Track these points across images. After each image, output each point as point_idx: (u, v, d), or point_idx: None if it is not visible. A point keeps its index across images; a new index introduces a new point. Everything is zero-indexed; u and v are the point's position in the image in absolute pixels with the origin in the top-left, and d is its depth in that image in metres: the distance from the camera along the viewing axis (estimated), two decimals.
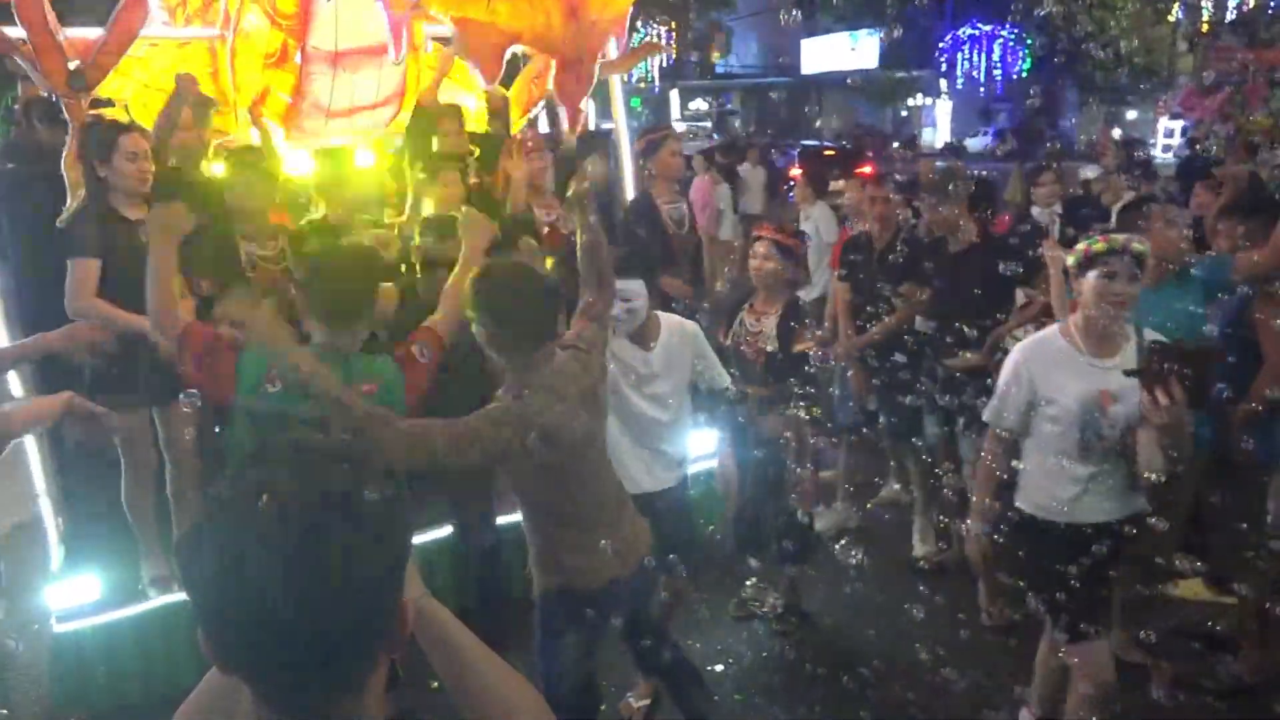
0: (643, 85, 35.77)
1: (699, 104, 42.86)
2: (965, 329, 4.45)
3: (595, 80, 3.61)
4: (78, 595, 4.07)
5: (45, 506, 4.30)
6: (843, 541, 5.15)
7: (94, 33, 4.07)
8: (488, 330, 2.71)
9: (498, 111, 5.12)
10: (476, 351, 2.87)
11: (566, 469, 2.74)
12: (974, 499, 3.50)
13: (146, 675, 4.07)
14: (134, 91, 4.67)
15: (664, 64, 35.21)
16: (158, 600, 4.12)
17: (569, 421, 2.69)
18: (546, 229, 5.01)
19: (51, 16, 3.81)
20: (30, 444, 4.29)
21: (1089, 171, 10.06)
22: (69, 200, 4.00)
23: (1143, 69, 30.43)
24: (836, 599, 4.76)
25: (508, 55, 3.38)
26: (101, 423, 2.73)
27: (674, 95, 40.52)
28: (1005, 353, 4.77)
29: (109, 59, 3.98)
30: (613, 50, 4.60)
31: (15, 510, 5.19)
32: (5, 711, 3.17)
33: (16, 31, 3.79)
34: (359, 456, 1.12)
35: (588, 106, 5.18)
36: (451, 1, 3.12)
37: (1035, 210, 7.10)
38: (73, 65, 3.89)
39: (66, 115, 3.99)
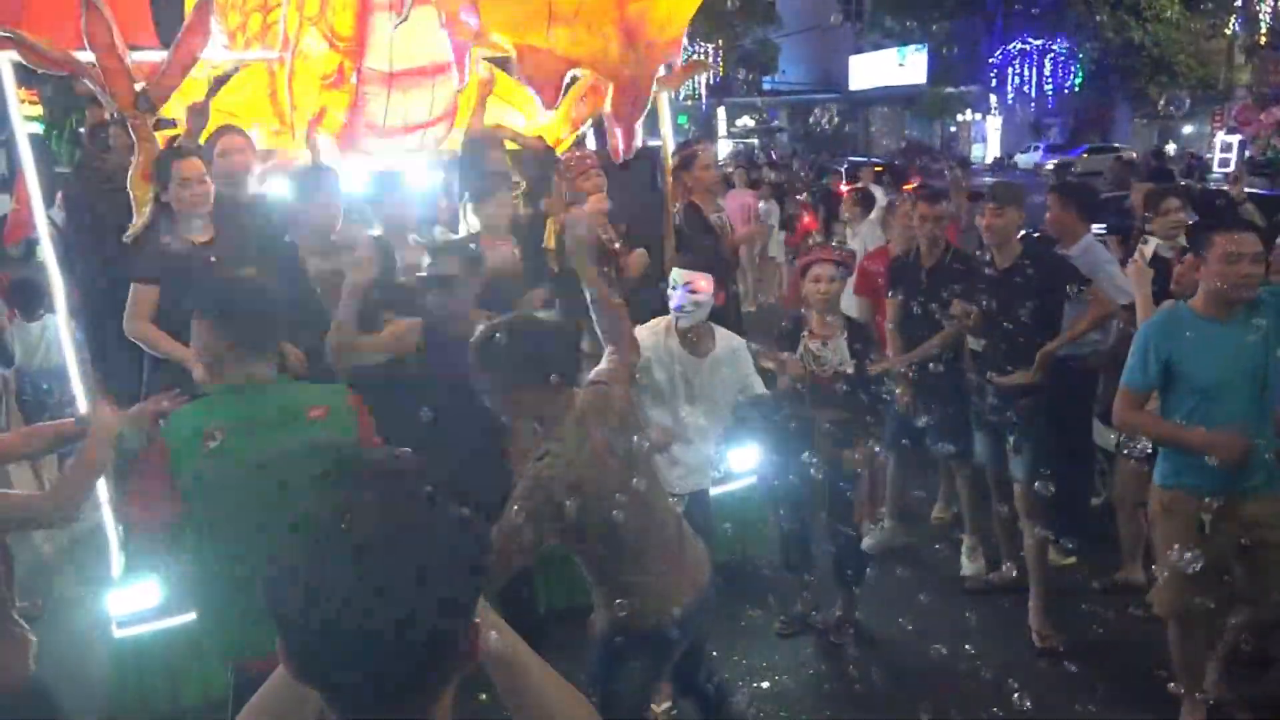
0: (689, 102, 35.90)
1: (745, 120, 42.88)
2: (1015, 346, 4.43)
3: (650, 102, 3.67)
4: (138, 601, 4.18)
5: (107, 514, 4.41)
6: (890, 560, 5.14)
7: (158, 56, 4.20)
8: (503, 392, 2.62)
9: (538, 155, 5.19)
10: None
11: (611, 516, 2.62)
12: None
13: (203, 681, 4.16)
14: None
15: (711, 81, 35.33)
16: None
17: (599, 465, 2.61)
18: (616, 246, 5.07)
19: (119, 40, 3.94)
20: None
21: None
22: (134, 218, 4.13)
23: (1199, 83, 29.95)
24: (884, 618, 4.73)
25: (566, 79, 3.43)
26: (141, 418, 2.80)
27: (721, 112, 40.60)
28: (1054, 371, 4.74)
29: (172, 81, 4.10)
30: (662, 69, 4.66)
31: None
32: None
33: (86, 55, 3.92)
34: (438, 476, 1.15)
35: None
36: (512, 28, 3.18)
37: (1156, 244, 5.07)
38: (138, 87, 4.02)
39: (132, 135, 4.12)
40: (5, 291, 6.89)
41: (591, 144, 6.02)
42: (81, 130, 8.05)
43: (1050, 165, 25.55)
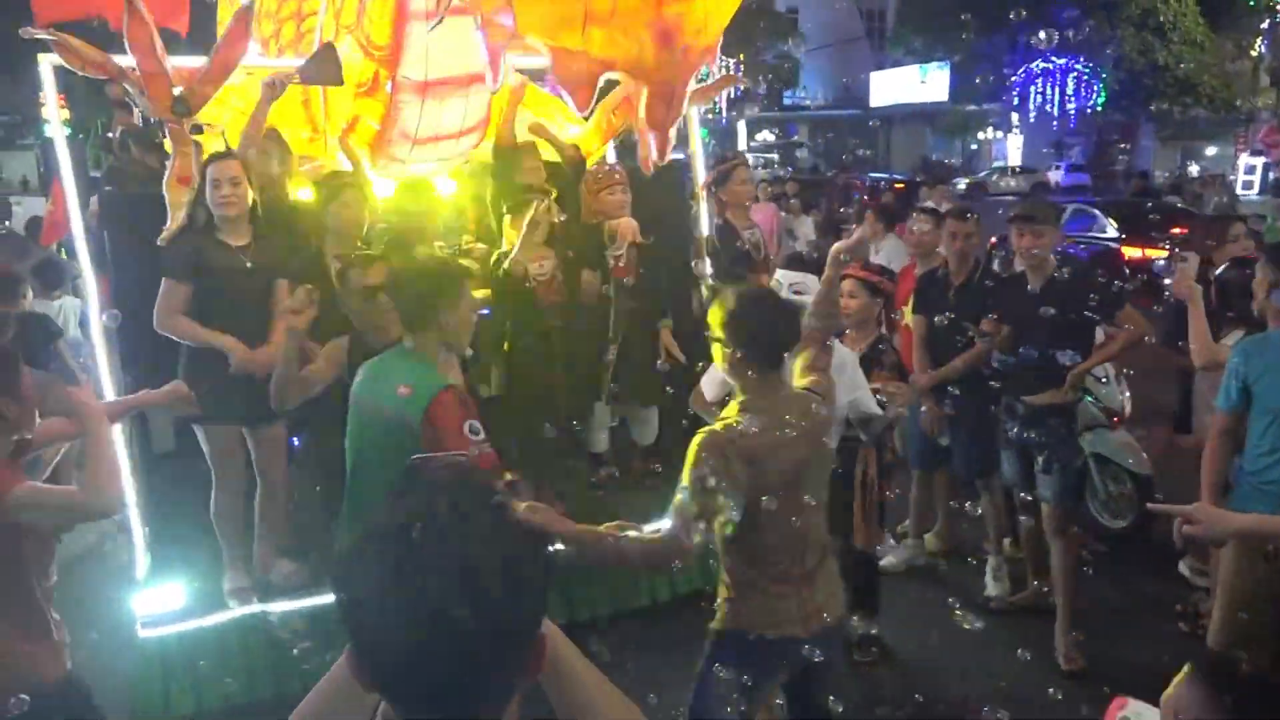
0: (710, 117, 35.93)
1: (766, 135, 42.90)
2: (1045, 366, 4.40)
3: (685, 108, 3.66)
4: (163, 603, 4.19)
5: (134, 515, 4.43)
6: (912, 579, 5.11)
7: (196, 61, 4.23)
8: (729, 350, 2.81)
9: (572, 162, 5.23)
10: None
11: (767, 503, 2.70)
12: None
13: (225, 684, 4.17)
14: (231, 118, 4.83)
15: (732, 95, 35.35)
16: (238, 611, 4.22)
17: (780, 450, 2.72)
18: (614, 261, 5.10)
19: (159, 45, 3.97)
20: (120, 453, 4.44)
21: None
22: (168, 221, 4.15)
23: (1222, 104, 29.80)
24: (907, 637, 4.69)
25: (600, 83, 3.43)
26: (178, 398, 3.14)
27: (741, 126, 40.63)
28: (1086, 390, 4.72)
29: (210, 87, 4.13)
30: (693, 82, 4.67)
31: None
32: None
33: (126, 60, 3.96)
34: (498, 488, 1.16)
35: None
36: (547, 30, 3.17)
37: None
38: (176, 92, 4.05)
39: (169, 139, 4.15)
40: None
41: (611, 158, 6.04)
42: (110, 135, 8.11)
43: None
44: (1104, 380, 5.70)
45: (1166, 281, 4.89)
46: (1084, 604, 4.63)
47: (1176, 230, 13.74)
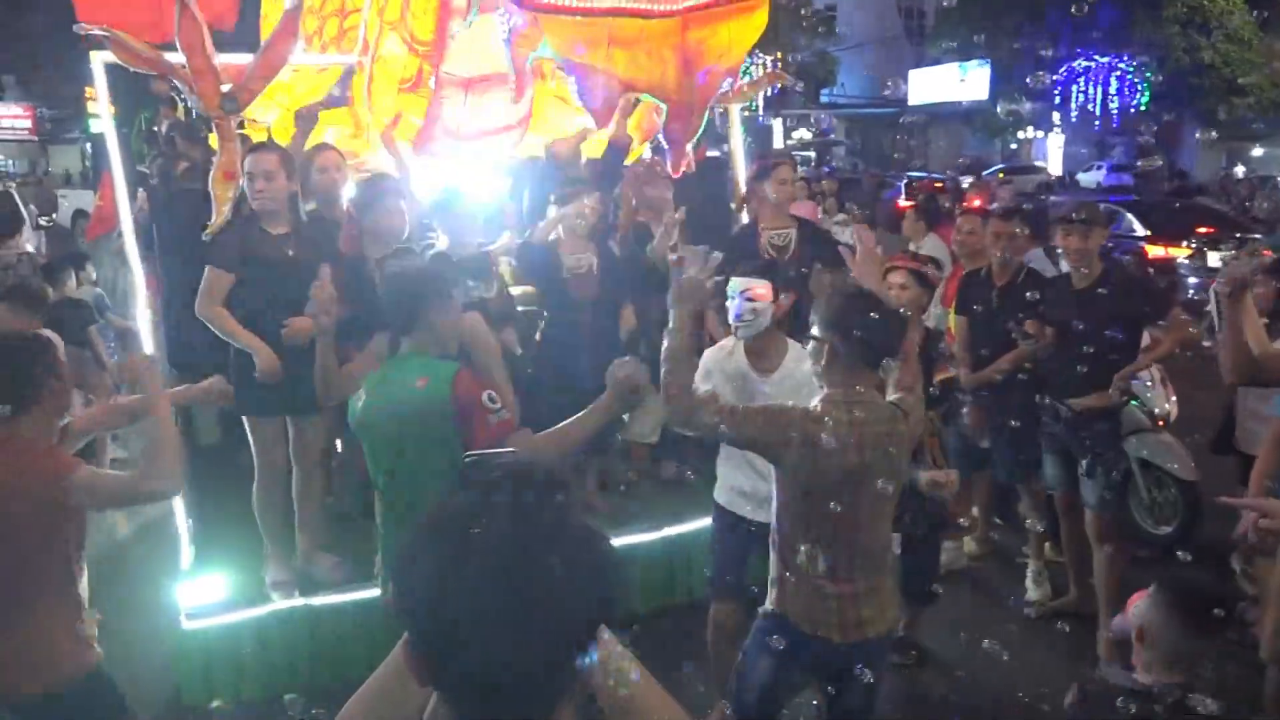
0: (747, 114, 35.81)
1: (803, 133, 42.69)
2: (1092, 368, 4.34)
3: (704, 124, 3.70)
4: (207, 594, 4.25)
5: (178, 506, 4.49)
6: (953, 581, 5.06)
7: (244, 59, 4.28)
8: (829, 344, 2.80)
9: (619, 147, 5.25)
10: None
11: (825, 493, 2.73)
12: None
13: (265, 674, 4.22)
14: (277, 114, 4.89)
15: (769, 94, 35.21)
16: (280, 604, 4.26)
17: (843, 450, 2.70)
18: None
19: (208, 43, 4.02)
20: None
21: None
22: (214, 215, 4.20)
23: (1270, 104, 29.24)
24: (947, 641, 4.65)
25: (620, 102, 3.45)
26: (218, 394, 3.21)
27: (778, 125, 40.47)
28: (1130, 394, 4.64)
29: (258, 84, 4.18)
30: (726, 84, 4.66)
31: (148, 508, 5.45)
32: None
33: (177, 57, 4.01)
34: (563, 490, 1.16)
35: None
36: (572, 49, 3.20)
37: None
38: (225, 89, 4.09)
39: (216, 135, 4.20)
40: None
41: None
42: (156, 129, 8.23)
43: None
44: (1149, 383, 5.61)
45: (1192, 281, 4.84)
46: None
47: (1203, 230, 13.54)
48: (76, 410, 3.07)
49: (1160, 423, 5.59)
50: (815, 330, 2.86)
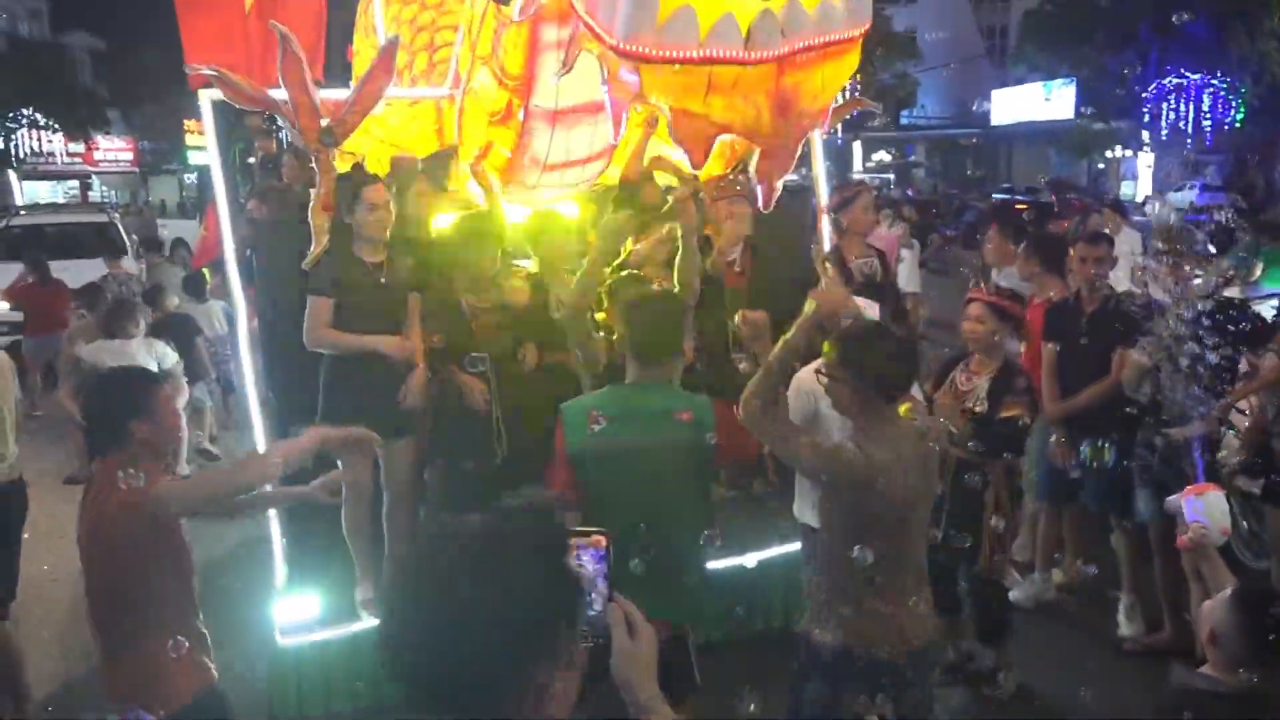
0: (825, 136, 35.58)
1: (883, 155, 42.33)
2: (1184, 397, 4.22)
3: (795, 162, 3.73)
4: (299, 612, 4.37)
5: (274, 526, 4.64)
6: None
7: (341, 94, 4.44)
8: (846, 382, 2.86)
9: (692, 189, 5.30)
10: None
11: (876, 524, 2.80)
12: None
13: (354, 689, 4.32)
14: (371, 147, 5.05)
15: (850, 116, 35.00)
16: (369, 622, 4.37)
17: (894, 478, 2.78)
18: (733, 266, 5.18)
19: (309, 79, 4.18)
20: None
21: None
22: (313, 245, 4.36)
23: None
24: (1038, 675, 4.54)
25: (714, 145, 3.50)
26: (359, 441, 3.18)
27: (857, 147, 40.20)
28: (1229, 424, 4.50)
29: (355, 118, 4.32)
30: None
31: (246, 527, 5.64)
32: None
33: (279, 93, 4.18)
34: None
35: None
36: (671, 94, 3.26)
37: None
38: (324, 123, 4.25)
39: (315, 168, 4.35)
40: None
41: None
42: (251, 160, 8.55)
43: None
44: (1246, 413, 5.42)
45: None
46: None
47: None
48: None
49: None
50: (827, 369, 2.92)
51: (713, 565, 4.72)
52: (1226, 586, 2.87)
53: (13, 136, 34.40)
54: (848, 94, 23.86)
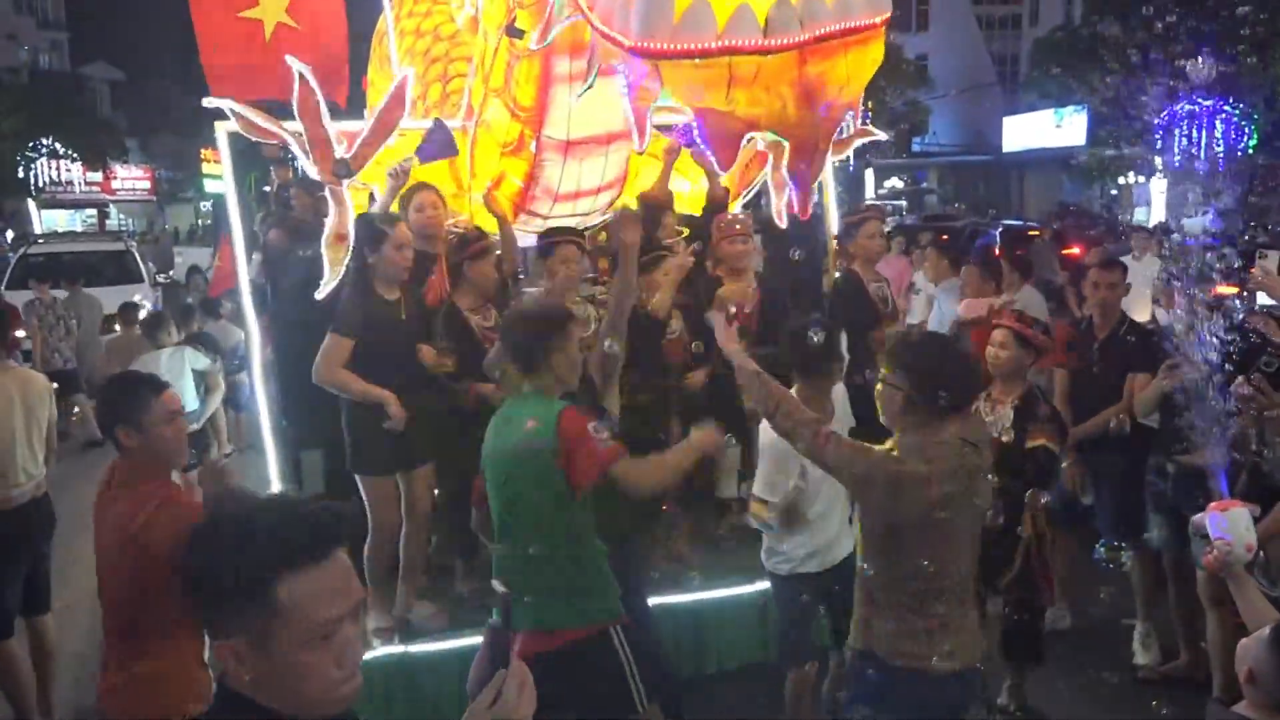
0: (837, 164, 35.65)
1: (894, 182, 42.39)
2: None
3: (827, 162, 3.69)
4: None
5: None
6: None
7: (355, 125, 4.51)
8: (903, 390, 2.87)
9: (718, 201, 5.33)
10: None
11: (907, 532, 2.81)
12: None
13: (366, 717, 4.30)
14: (382, 180, 5.11)
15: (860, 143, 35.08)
16: (380, 650, 4.37)
17: (925, 485, 2.76)
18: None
19: (324, 112, 4.25)
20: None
21: None
22: (326, 275, 4.40)
23: None
24: (1054, 704, 4.51)
25: (744, 142, 3.50)
26: None
27: (869, 174, 40.27)
28: (1255, 450, 4.47)
29: (369, 150, 4.39)
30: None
31: None
32: None
33: (294, 125, 4.25)
34: None
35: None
36: (693, 91, 3.28)
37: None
38: (338, 155, 4.31)
39: (330, 199, 4.41)
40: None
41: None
42: (266, 189, 8.65)
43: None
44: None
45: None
46: None
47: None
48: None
49: None
50: (887, 376, 2.94)
51: (723, 594, 4.76)
52: (1260, 613, 2.82)
53: (32, 166, 34.84)
54: (857, 123, 23.96)
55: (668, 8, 3.16)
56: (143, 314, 9.21)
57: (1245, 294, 4.40)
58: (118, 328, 9.50)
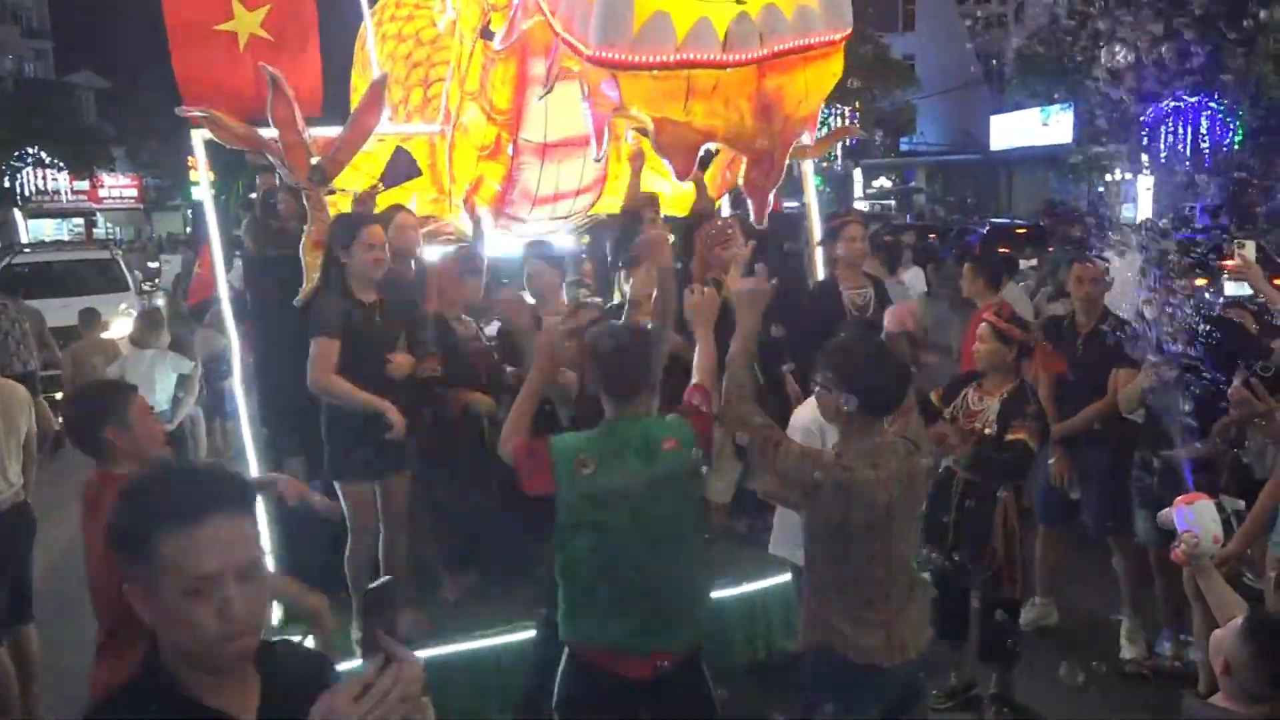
0: (825, 165, 35.76)
1: (883, 182, 42.46)
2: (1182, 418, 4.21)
3: (784, 174, 3.68)
4: None
5: (269, 563, 4.61)
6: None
7: (332, 131, 4.48)
8: (836, 392, 2.94)
9: (704, 215, 5.31)
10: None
11: (858, 536, 2.88)
12: None
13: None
14: (362, 183, 5.09)
15: (847, 143, 35.15)
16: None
17: (875, 491, 2.84)
18: None
19: (299, 117, 4.22)
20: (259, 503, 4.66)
21: None
22: (304, 282, 4.37)
23: None
24: (1041, 699, 4.50)
25: (701, 152, 3.49)
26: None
27: (857, 174, 40.35)
28: (1230, 444, 4.48)
29: (345, 155, 4.35)
30: (805, 139, 4.68)
31: None
32: None
33: (270, 132, 4.22)
34: None
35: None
36: (651, 102, 3.26)
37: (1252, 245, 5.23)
38: (314, 161, 4.28)
39: (306, 205, 4.38)
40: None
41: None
42: (253, 196, 8.61)
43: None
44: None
45: None
46: None
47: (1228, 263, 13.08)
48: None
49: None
50: (822, 381, 3.01)
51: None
52: (1228, 604, 2.89)
53: (18, 175, 34.71)
54: (846, 121, 23.99)
55: (627, 18, 3.13)
56: (133, 315, 9.18)
57: (1214, 287, 4.42)
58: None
